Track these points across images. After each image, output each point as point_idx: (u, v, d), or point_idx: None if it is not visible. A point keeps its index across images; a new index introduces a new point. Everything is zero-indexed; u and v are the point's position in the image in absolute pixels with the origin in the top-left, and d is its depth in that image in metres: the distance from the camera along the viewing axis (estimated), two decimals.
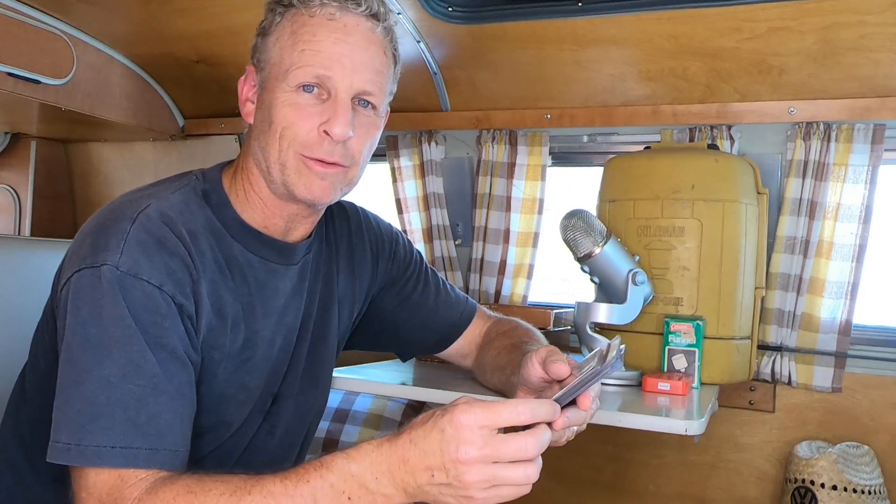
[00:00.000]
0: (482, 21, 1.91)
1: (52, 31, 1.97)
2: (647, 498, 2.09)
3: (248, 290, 1.07)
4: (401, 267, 1.36)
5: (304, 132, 1.02)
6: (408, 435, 0.82)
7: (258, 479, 0.85)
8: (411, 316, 1.37)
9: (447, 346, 1.41)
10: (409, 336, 1.40)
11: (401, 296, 1.36)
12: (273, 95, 1.03)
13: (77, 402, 0.89)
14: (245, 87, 1.10)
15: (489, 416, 0.79)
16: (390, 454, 0.82)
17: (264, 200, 1.09)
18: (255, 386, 1.11)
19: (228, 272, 1.05)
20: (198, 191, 1.07)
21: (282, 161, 1.03)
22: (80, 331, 0.91)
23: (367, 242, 1.31)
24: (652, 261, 1.73)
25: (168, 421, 0.91)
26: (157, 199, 1.01)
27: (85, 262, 0.94)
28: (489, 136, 2.20)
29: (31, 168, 2.72)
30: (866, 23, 1.64)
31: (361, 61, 1.04)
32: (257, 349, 1.09)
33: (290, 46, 1.03)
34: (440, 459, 0.79)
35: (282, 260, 1.12)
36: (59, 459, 0.88)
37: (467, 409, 0.80)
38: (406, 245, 1.39)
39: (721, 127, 1.94)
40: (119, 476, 0.87)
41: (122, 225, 0.96)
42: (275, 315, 1.12)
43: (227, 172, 1.13)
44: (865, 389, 1.87)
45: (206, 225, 1.05)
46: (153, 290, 0.93)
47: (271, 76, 1.04)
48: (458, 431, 0.79)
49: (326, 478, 0.82)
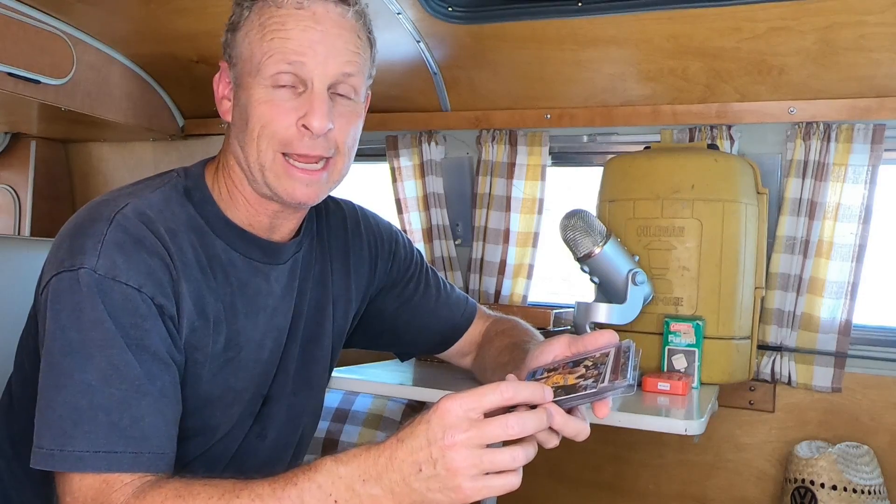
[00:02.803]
0: (482, 21, 1.91)
1: (52, 31, 1.97)
2: (647, 498, 2.09)
3: (230, 290, 1.05)
4: (401, 268, 1.34)
5: (282, 129, 1.00)
6: (395, 435, 0.82)
7: (247, 483, 0.84)
8: (412, 318, 1.36)
9: (448, 347, 1.40)
10: (409, 337, 1.38)
11: (401, 297, 1.35)
12: (248, 93, 1.01)
13: (59, 407, 0.88)
14: (220, 84, 1.08)
15: (473, 399, 0.80)
16: (378, 455, 0.82)
17: (248, 199, 1.07)
18: (243, 388, 1.09)
19: (210, 271, 1.03)
20: (179, 188, 1.05)
21: (261, 162, 1.01)
22: (60, 335, 0.90)
23: (365, 242, 1.29)
24: (652, 261, 1.73)
25: (152, 423, 0.90)
26: (135, 199, 0.99)
27: (63, 265, 0.93)
28: (489, 136, 2.20)
29: (31, 168, 2.71)
30: (866, 23, 1.64)
31: (335, 47, 1.01)
32: (241, 350, 1.07)
33: (258, 39, 1.00)
34: (427, 451, 0.79)
35: (267, 259, 1.10)
36: (42, 465, 0.88)
37: (452, 396, 0.80)
38: (406, 245, 1.37)
39: (721, 127, 1.94)
40: (104, 480, 0.87)
41: (99, 226, 0.94)
42: (261, 315, 1.09)
43: (209, 169, 1.10)
44: (865, 389, 1.87)
45: (188, 222, 1.02)
46: (132, 293, 0.92)
47: (244, 72, 1.02)
48: (443, 418, 0.79)
49: (314, 479, 0.82)
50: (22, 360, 1.09)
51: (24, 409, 1.06)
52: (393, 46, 2.04)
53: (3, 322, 1.50)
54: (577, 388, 0.87)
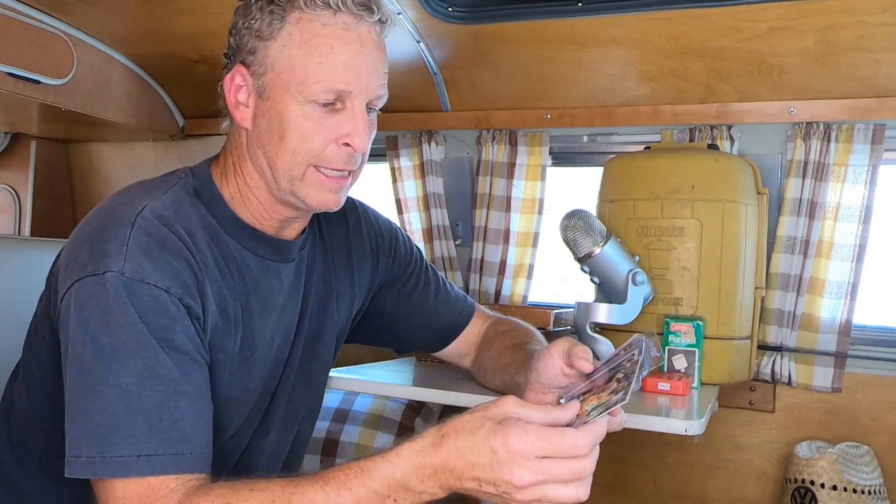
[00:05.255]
0: (482, 21, 1.91)
1: (52, 31, 1.96)
2: (647, 498, 2.09)
3: (245, 289, 1.06)
4: (401, 265, 1.35)
5: (320, 146, 1.01)
6: (453, 442, 0.81)
7: (296, 486, 0.84)
8: (411, 315, 1.36)
9: (446, 346, 1.40)
10: (408, 335, 1.39)
11: (401, 294, 1.35)
12: (284, 106, 1.00)
13: (96, 415, 0.87)
14: (234, 89, 1.05)
15: (546, 448, 0.79)
16: (434, 460, 0.81)
17: (262, 201, 1.07)
18: (255, 386, 1.10)
19: (227, 270, 1.03)
20: (189, 188, 1.05)
21: (292, 174, 1.02)
22: (90, 341, 0.89)
23: (366, 239, 1.29)
24: (652, 261, 1.73)
25: (191, 424, 0.90)
26: (150, 201, 0.98)
27: (86, 270, 0.91)
28: (489, 136, 2.20)
29: (31, 168, 2.71)
30: (866, 23, 1.64)
31: (376, 71, 1.02)
32: (256, 349, 1.08)
33: (303, 56, 0.98)
34: (490, 475, 0.79)
35: (277, 257, 1.10)
36: (82, 474, 0.87)
37: (524, 437, 0.78)
38: (406, 242, 1.37)
39: (721, 127, 1.94)
40: (149, 485, 0.86)
41: (121, 230, 0.93)
42: (273, 314, 1.10)
43: (215, 169, 1.10)
44: (865, 389, 1.87)
45: (201, 222, 1.02)
46: (161, 294, 0.92)
47: (279, 84, 1.00)
48: (513, 457, 0.78)
49: (369, 485, 0.82)
50: (30, 366, 1.08)
51: (31, 415, 1.06)
52: (393, 46, 2.02)
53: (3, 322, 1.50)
54: (609, 403, 0.86)
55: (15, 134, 2.73)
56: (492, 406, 0.83)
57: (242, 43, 1.03)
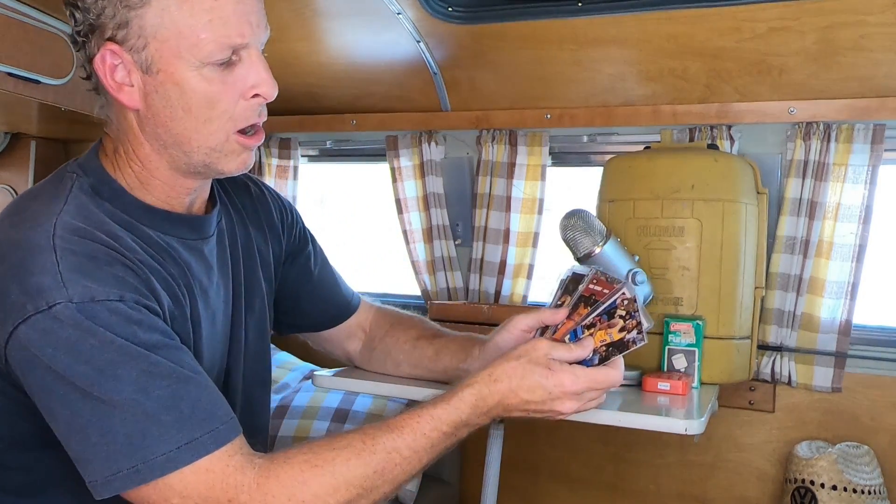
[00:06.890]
0: (482, 21, 1.91)
1: (52, 31, 1.96)
2: (647, 498, 2.09)
3: (182, 272, 1.02)
4: (301, 237, 1.32)
5: (231, 106, 0.95)
6: (507, 385, 1.00)
7: (373, 438, 0.93)
8: (314, 288, 1.34)
9: (338, 324, 1.38)
10: (309, 307, 1.35)
11: (305, 267, 1.32)
12: (179, 75, 0.92)
13: (117, 434, 0.85)
14: (111, 69, 0.94)
15: (590, 384, 1.02)
16: (490, 402, 1.00)
17: (165, 181, 1.01)
18: (210, 367, 1.07)
19: (161, 259, 0.99)
20: (85, 188, 0.97)
21: (210, 145, 0.97)
22: (70, 375, 0.85)
23: (272, 208, 1.26)
24: (652, 260, 1.73)
25: (208, 399, 0.90)
26: (56, 216, 0.91)
27: (26, 309, 0.85)
28: (489, 136, 2.20)
29: (31, 168, 2.71)
30: (866, 23, 1.64)
31: (259, 11, 0.96)
32: (202, 330, 1.05)
33: (188, 16, 0.90)
34: (541, 407, 1.01)
35: (197, 235, 1.06)
36: (127, 486, 0.85)
37: (575, 380, 1.00)
38: (300, 217, 1.35)
39: (721, 127, 1.94)
40: (205, 469, 0.86)
41: (45, 257, 0.87)
42: (210, 292, 1.08)
43: (104, 160, 1.02)
44: (865, 389, 1.88)
45: (114, 220, 0.96)
46: (117, 305, 0.88)
47: (167, 53, 0.91)
48: (565, 394, 1.00)
49: (441, 429, 0.97)
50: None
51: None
52: (393, 46, 2.04)
53: None
54: (627, 342, 1.04)
55: (15, 134, 2.72)
56: (531, 350, 1.02)
57: (105, 17, 0.92)
